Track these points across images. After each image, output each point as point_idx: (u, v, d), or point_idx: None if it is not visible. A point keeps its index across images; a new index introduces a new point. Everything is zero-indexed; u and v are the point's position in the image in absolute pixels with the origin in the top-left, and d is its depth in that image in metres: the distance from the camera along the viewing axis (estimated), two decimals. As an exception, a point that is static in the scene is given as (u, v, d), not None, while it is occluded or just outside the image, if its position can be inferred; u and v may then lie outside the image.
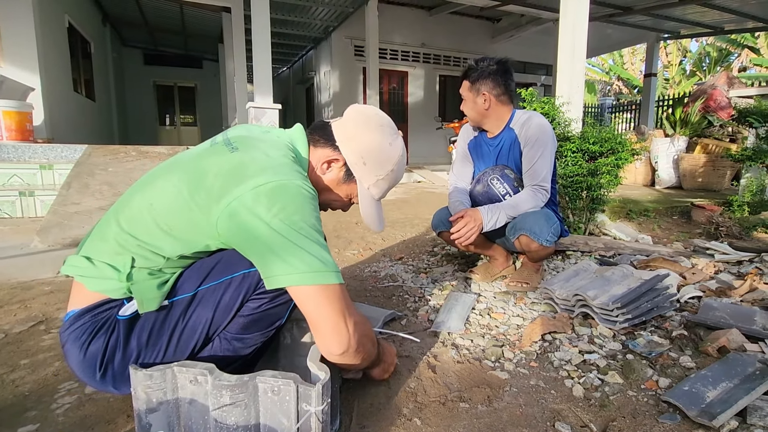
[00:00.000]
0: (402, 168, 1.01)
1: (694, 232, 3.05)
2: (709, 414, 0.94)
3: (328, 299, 0.78)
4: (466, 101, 1.82)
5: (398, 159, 0.98)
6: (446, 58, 10.30)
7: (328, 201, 1.03)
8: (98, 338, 0.83)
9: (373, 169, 0.96)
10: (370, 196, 1.00)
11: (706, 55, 14.77)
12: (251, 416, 0.74)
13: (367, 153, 0.95)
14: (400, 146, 0.99)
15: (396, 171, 0.99)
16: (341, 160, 0.96)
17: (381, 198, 1.03)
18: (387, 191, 1.02)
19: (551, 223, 1.70)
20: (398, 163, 0.98)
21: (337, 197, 1.02)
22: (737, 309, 1.46)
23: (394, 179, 1.00)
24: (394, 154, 0.97)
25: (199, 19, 8.84)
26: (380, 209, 1.04)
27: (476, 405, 1.06)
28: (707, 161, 5.16)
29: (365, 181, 0.98)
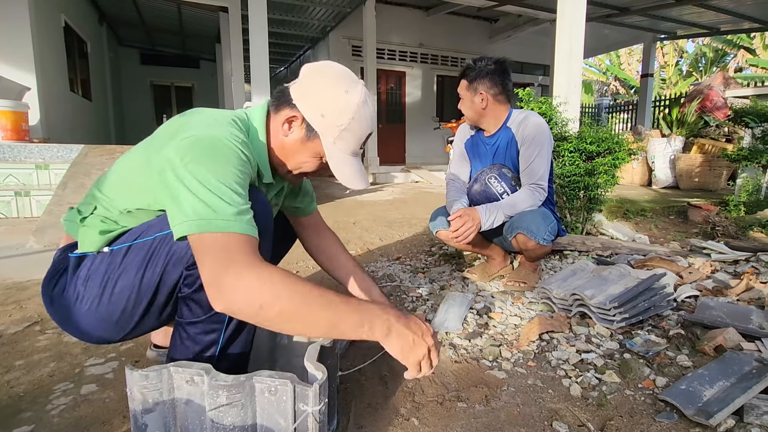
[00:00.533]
0: (366, 117, 0.93)
1: (691, 231, 3.06)
2: (706, 413, 0.94)
3: (210, 248, 0.72)
4: (464, 100, 1.82)
5: (357, 106, 0.91)
6: (444, 58, 10.31)
7: (299, 164, 0.97)
8: (58, 274, 0.93)
9: (333, 119, 0.90)
10: (340, 151, 0.94)
11: (702, 55, 14.84)
12: (248, 416, 0.74)
13: (324, 104, 0.90)
14: (359, 93, 0.92)
15: (358, 119, 0.91)
16: (299, 116, 0.92)
17: (355, 153, 0.96)
18: (358, 144, 0.95)
19: (548, 221, 1.71)
20: (359, 111, 0.91)
21: (305, 158, 0.96)
22: (734, 308, 1.46)
23: (359, 129, 0.93)
24: (352, 101, 0.90)
25: (196, 19, 8.82)
26: (358, 166, 0.97)
27: (474, 404, 1.06)
28: (704, 161, 5.18)
29: (328, 135, 0.92)
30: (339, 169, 0.94)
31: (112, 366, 1.25)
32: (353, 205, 4.40)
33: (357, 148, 0.95)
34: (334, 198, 4.98)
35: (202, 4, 6.97)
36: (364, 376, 1.18)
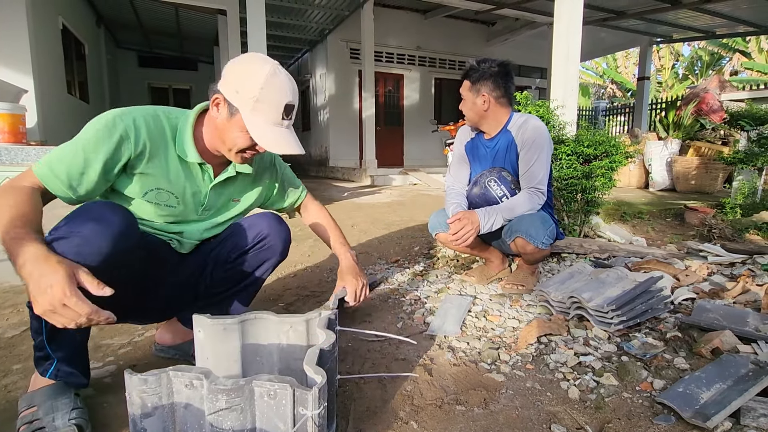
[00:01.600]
0: (277, 86, 1.01)
1: (688, 234, 3.08)
2: (703, 415, 0.95)
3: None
4: (466, 101, 1.82)
5: (266, 77, 0.99)
6: (441, 61, 10.34)
7: (233, 141, 1.05)
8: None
9: (245, 92, 0.99)
10: (259, 121, 1.01)
11: (698, 59, 14.94)
12: (247, 420, 0.74)
13: (237, 81, 1.00)
14: (267, 67, 1.01)
15: (268, 88, 1.00)
16: (221, 97, 1.03)
17: (277, 122, 1.03)
18: (277, 113, 1.02)
19: (547, 225, 1.71)
20: (267, 81, 0.99)
21: (235, 133, 1.04)
22: (730, 310, 1.47)
23: (272, 98, 1.00)
24: (260, 73, 1.00)
25: (194, 22, 8.82)
26: (282, 133, 1.04)
27: (472, 408, 1.06)
28: (700, 164, 5.20)
29: (245, 107, 1.00)
30: (260, 137, 1.01)
31: (110, 370, 1.24)
32: (351, 208, 4.40)
33: (278, 117, 1.02)
34: (333, 201, 4.98)
35: (200, 6, 6.98)
36: (363, 380, 1.18)
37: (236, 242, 1.23)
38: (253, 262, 1.24)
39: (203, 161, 1.11)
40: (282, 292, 1.92)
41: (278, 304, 1.77)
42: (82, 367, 1.02)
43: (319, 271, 2.21)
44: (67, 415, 0.92)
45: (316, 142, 10.57)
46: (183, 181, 1.11)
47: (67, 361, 0.98)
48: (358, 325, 1.56)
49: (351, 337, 1.45)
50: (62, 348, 0.95)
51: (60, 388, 0.97)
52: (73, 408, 0.94)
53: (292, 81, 1.06)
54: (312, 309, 1.70)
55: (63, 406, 0.93)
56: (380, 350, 1.36)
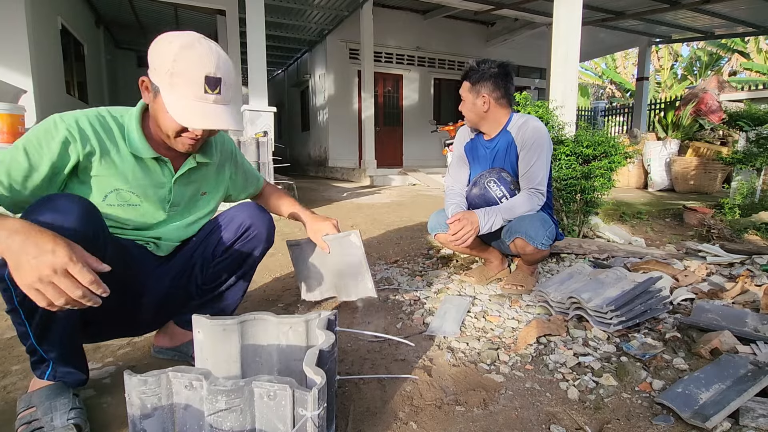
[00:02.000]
0: (193, 57, 0.93)
1: (687, 234, 3.08)
2: (702, 416, 0.95)
3: None
4: (465, 102, 1.82)
5: (179, 48, 0.93)
6: (441, 61, 10.35)
7: (165, 125, 1.00)
8: None
9: (161, 68, 0.94)
10: (180, 97, 0.95)
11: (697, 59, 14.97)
12: (247, 421, 0.74)
13: (154, 58, 0.95)
14: (184, 38, 0.95)
15: (183, 60, 0.92)
16: (146, 79, 0.99)
17: (200, 97, 0.95)
18: (197, 86, 0.94)
19: (547, 226, 1.71)
20: (181, 53, 0.92)
21: (164, 116, 0.99)
22: (729, 311, 1.47)
23: (189, 70, 0.93)
24: (173, 46, 0.93)
25: (193, 22, 8.81)
26: (203, 107, 0.96)
27: (472, 408, 1.06)
28: (699, 164, 5.21)
29: (163, 84, 0.95)
30: (177, 113, 0.94)
31: (109, 371, 1.24)
32: (351, 208, 4.40)
33: (199, 91, 0.95)
34: (332, 201, 4.98)
35: (199, 6, 6.98)
36: (362, 380, 1.18)
37: (220, 237, 1.21)
38: (241, 254, 1.23)
39: (159, 155, 1.07)
40: (281, 292, 1.92)
41: (277, 305, 1.77)
42: (79, 363, 1.01)
43: (319, 272, 2.21)
44: (65, 415, 0.92)
45: (316, 142, 10.57)
46: (142, 179, 1.07)
47: (63, 360, 0.97)
48: (357, 326, 1.56)
49: (350, 337, 1.45)
50: (54, 347, 0.94)
51: (58, 389, 0.97)
52: (71, 408, 0.94)
53: (220, 53, 0.98)
54: (311, 309, 1.70)
55: (61, 406, 0.93)
56: (380, 351, 1.36)
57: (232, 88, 1.00)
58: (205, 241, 1.23)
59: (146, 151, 1.05)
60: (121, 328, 1.21)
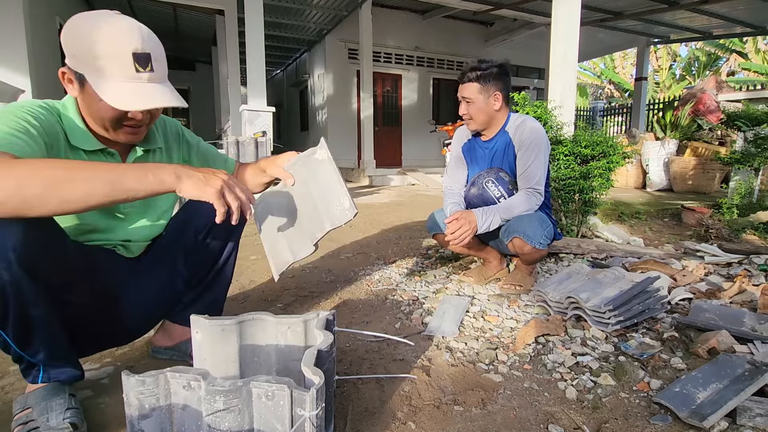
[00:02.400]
0: (114, 35, 0.85)
1: (685, 234, 3.09)
2: (699, 415, 0.95)
3: None
4: (475, 103, 1.78)
5: (95, 27, 0.85)
6: (440, 61, 10.36)
7: (99, 115, 0.92)
8: None
9: (81, 53, 0.85)
10: (110, 80, 0.87)
11: (695, 59, 15.00)
12: (245, 422, 0.74)
13: (71, 45, 0.87)
14: (99, 16, 0.87)
15: (103, 40, 0.84)
16: (67, 70, 0.91)
17: (131, 77, 0.87)
18: (126, 65, 0.86)
19: (545, 226, 1.72)
20: (99, 31, 0.84)
21: (96, 105, 0.90)
22: (726, 311, 1.48)
23: (111, 48, 0.85)
24: (87, 26, 0.85)
25: (192, 22, 8.81)
26: (146, 88, 0.88)
27: (470, 408, 1.06)
28: (697, 164, 5.22)
29: (88, 70, 0.86)
30: (112, 97, 0.86)
31: (107, 371, 1.24)
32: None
33: (128, 71, 0.87)
34: (331, 201, 4.97)
35: (198, 6, 6.97)
36: (360, 380, 1.18)
37: (197, 224, 1.18)
38: (223, 235, 1.20)
39: (105, 147, 0.99)
40: (280, 293, 1.92)
41: (276, 305, 1.77)
42: (70, 360, 0.99)
43: (318, 271, 2.21)
44: (61, 415, 0.91)
45: (314, 142, 10.50)
46: None
47: (52, 360, 0.95)
48: (356, 325, 1.56)
49: (349, 337, 1.45)
50: (39, 350, 0.91)
51: (54, 389, 0.96)
52: (67, 408, 0.93)
53: (142, 27, 0.90)
54: (310, 310, 1.70)
55: (57, 406, 0.93)
56: (378, 351, 1.36)
57: (163, 64, 0.93)
58: (184, 233, 1.18)
59: (92, 143, 0.96)
60: (111, 338, 1.17)
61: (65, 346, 0.98)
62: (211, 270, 1.24)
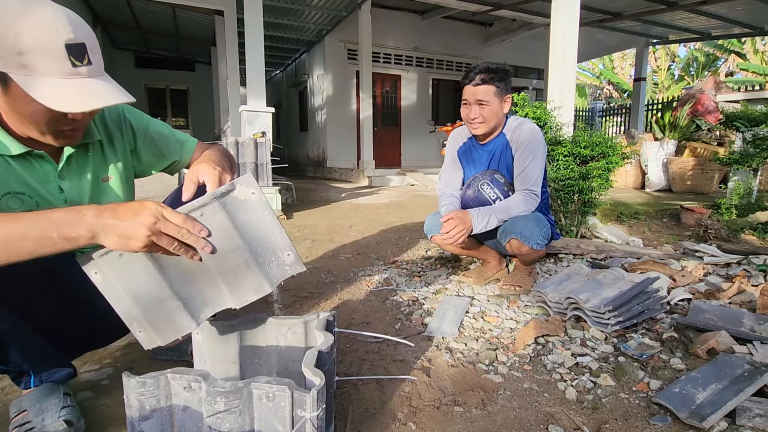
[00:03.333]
0: (39, 25, 0.72)
1: (684, 234, 3.09)
2: (699, 415, 0.95)
3: None
4: (491, 106, 1.74)
5: (14, 20, 0.71)
6: (439, 62, 10.36)
7: (32, 120, 0.79)
8: None
9: (4, 50, 0.72)
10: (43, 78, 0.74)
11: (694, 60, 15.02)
12: (246, 423, 0.74)
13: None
14: (14, 7, 0.72)
15: (25, 34, 0.71)
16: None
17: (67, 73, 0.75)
18: (59, 60, 0.74)
19: (541, 226, 1.72)
20: (18, 24, 0.71)
21: (27, 109, 0.77)
22: (726, 311, 1.48)
23: (40, 43, 0.72)
24: (7, 14, 0.71)
25: (191, 22, 8.80)
26: (87, 84, 0.77)
27: (470, 409, 1.06)
28: (696, 164, 5.23)
29: (11, 66, 0.73)
30: (50, 98, 0.74)
31: (107, 372, 1.24)
32: (349, 209, 4.40)
33: (64, 65, 0.74)
34: (330, 201, 4.98)
35: (197, 7, 6.97)
36: (361, 381, 1.18)
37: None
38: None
39: (30, 149, 0.86)
40: (279, 293, 1.92)
41: (276, 306, 1.77)
42: (56, 360, 0.98)
43: (317, 272, 2.21)
44: (56, 414, 0.91)
45: (314, 142, 10.57)
46: (24, 178, 0.87)
47: (40, 364, 0.95)
48: (356, 326, 1.56)
49: (349, 338, 1.45)
50: (23, 358, 0.90)
51: (49, 389, 0.96)
52: (62, 407, 0.93)
53: (69, 13, 0.77)
54: (310, 311, 1.70)
55: (52, 406, 0.93)
56: (378, 352, 1.36)
57: (98, 53, 0.81)
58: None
59: (14, 147, 0.84)
60: (94, 339, 1.12)
61: (48, 349, 0.96)
62: None
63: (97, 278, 0.81)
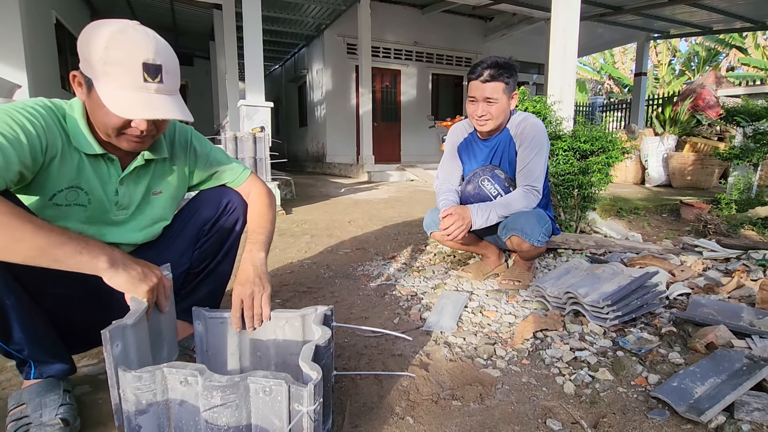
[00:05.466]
0: (126, 43, 0.85)
1: (683, 229, 3.09)
2: (697, 410, 0.95)
3: None
4: (499, 103, 1.69)
5: (109, 35, 0.84)
6: (439, 56, 10.31)
7: (103, 122, 0.90)
8: None
9: (92, 58, 0.85)
10: (116, 88, 0.86)
11: (695, 54, 14.96)
12: (243, 417, 0.74)
13: (84, 49, 0.87)
14: (115, 25, 0.86)
15: (114, 48, 0.84)
16: (77, 73, 0.90)
17: (138, 86, 0.86)
18: (134, 74, 0.85)
19: (543, 223, 1.71)
20: (112, 39, 0.84)
21: (101, 112, 0.89)
22: (725, 306, 1.48)
23: (122, 57, 0.84)
24: (102, 33, 0.85)
25: (189, 16, 8.75)
26: (152, 99, 0.87)
27: (468, 403, 1.06)
28: (696, 160, 5.22)
29: (97, 75, 0.86)
30: (114, 103, 0.85)
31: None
32: (348, 204, 4.39)
33: (137, 80, 0.86)
34: (330, 197, 4.97)
35: (195, 1, 6.93)
36: (359, 376, 1.18)
37: (205, 215, 1.20)
38: (225, 229, 1.22)
39: (106, 152, 0.98)
40: (279, 288, 1.91)
41: (275, 301, 1.76)
42: (58, 355, 0.99)
43: (316, 267, 2.21)
44: (54, 411, 0.91)
45: (313, 138, 10.54)
46: (90, 176, 0.98)
47: (42, 355, 0.96)
48: (354, 321, 1.56)
49: (347, 332, 1.45)
50: (25, 344, 0.92)
51: (49, 385, 0.96)
52: (60, 404, 0.93)
53: (159, 39, 0.89)
54: (308, 305, 1.70)
55: (51, 402, 0.93)
56: (377, 346, 1.36)
57: (175, 77, 0.92)
58: (188, 226, 1.20)
59: (93, 147, 0.96)
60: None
61: (51, 339, 0.98)
62: (212, 261, 1.25)
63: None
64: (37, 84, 5.76)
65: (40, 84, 5.88)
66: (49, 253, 0.77)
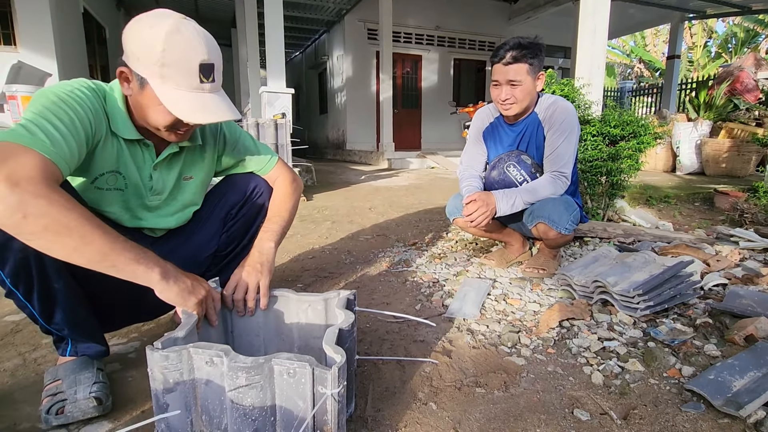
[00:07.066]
0: (182, 44, 0.86)
1: (717, 219, 2.96)
2: (735, 403, 0.91)
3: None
4: (524, 85, 1.63)
5: (165, 36, 0.84)
6: (461, 41, 10.09)
7: (154, 119, 0.92)
8: None
9: (147, 58, 0.85)
10: (172, 89, 0.87)
11: (732, 36, 14.18)
12: (267, 398, 0.74)
13: (135, 47, 0.86)
14: (166, 24, 0.85)
15: (172, 49, 0.85)
16: (127, 70, 0.90)
17: (193, 87, 0.88)
18: (190, 76, 0.88)
19: (571, 210, 1.65)
20: (168, 40, 0.84)
21: (154, 109, 0.91)
22: (765, 297, 1.41)
23: (179, 59, 0.85)
24: (157, 33, 0.84)
25: (212, 4, 8.80)
26: (199, 99, 0.89)
27: (492, 390, 1.05)
28: (732, 146, 4.98)
29: (152, 75, 0.86)
30: (176, 107, 0.88)
31: (134, 346, 1.27)
32: (369, 191, 4.38)
33: (193, 81, 0.88)
34: (350, 184, 4.97)
35: (217, -12, 6.94)
36: (381, 361, 1.17)
37: (233, 199, 1.22)
38: (253, 211, 1.24)
39: (142, 138, 1.00)
40: (300, 272, 1.92)
41: (297, 285, 1.77)
42: (95, 336, 1.03)
43: (337, 253, 2.21)
44: (88, 389, 0.94)
45: (333, 125, 10.53)
46: (128, 161, 1.01)
47: (79, 335, 0.99)
48: (376, 306, 1.55)
49: (369, 317, 1.44)
50: (64, 324, 0.95)
51: (83, 363, 0.99)
52: (94, 382, 0.96)
53: (206, 36, 0.90)
54: (330, 290, 1.70)
55: (85, 380, 0.96)
56: (399, 332, 1.35)
57: (221, 71, 0.95)
58: (216, 210, 1.23)
59: (131, 132, 0.98)
60: (136, 312, 1.19)
61: (90, 323, 1.01)
62: (239, 244, 1.27)
63: None
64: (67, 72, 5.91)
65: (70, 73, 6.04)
66: (110, 259, 0.79)
